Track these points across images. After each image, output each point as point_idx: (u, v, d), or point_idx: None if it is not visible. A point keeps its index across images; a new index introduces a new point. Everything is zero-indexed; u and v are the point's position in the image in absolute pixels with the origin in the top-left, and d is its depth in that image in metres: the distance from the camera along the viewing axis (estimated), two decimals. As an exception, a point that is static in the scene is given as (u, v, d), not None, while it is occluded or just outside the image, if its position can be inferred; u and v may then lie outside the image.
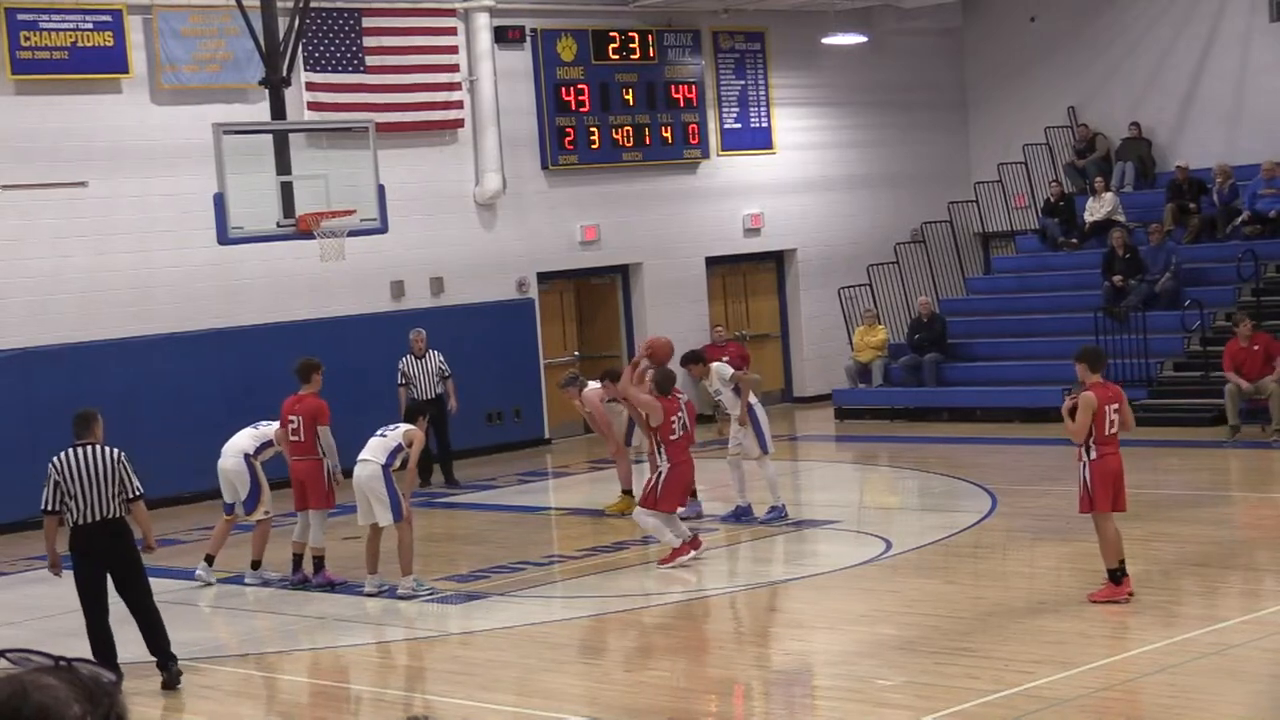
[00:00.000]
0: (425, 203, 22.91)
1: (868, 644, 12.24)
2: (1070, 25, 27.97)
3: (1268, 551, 14.88)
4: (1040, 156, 28.05)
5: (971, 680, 10.86)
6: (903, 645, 12.11)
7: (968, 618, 12.81)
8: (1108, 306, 23.81)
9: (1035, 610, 12.76)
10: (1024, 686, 10.59)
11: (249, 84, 19.80)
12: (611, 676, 12.11)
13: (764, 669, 12.34)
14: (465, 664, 12.57)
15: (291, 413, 15.15)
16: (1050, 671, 10.90)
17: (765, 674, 12.21)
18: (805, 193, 27.50)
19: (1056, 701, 10.27)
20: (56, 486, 11.91)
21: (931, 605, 13.38)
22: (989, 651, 11.59)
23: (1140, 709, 10.09)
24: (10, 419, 19.68)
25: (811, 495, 20.03)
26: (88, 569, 11.98)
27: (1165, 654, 11.26)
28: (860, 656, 11.87)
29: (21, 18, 20.03)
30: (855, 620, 13.11)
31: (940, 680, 11.01)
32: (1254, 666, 11.10)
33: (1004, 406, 23.26)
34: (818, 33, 26.98)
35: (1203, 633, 11.83)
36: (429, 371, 20.88)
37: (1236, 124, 26.29)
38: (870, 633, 12.62)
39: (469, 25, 23.83)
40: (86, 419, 12.23)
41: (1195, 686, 10.54)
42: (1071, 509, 13.37)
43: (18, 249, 20.08)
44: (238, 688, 12.52)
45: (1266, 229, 24.29)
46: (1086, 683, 10.66)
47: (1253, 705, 10.28)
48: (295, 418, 15.08)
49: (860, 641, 12.36)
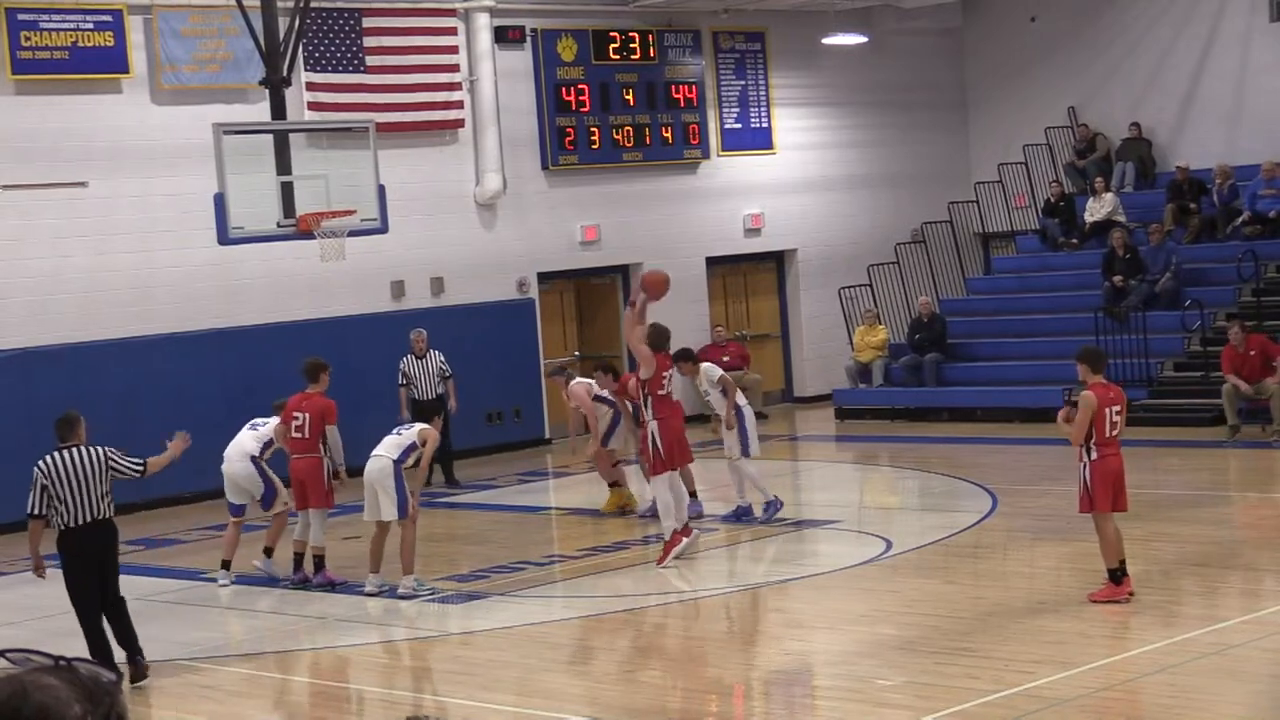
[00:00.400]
0: (425, 203, 22.92)
1: (868, 644, 12.25)
2: (1070, 25, 27.97)
3: (1268, 551, 14.88)
4: (1040, 157, 28.06)
5: (972, 680, 10.87)
6: (903, 645, 12.11)
7: (968, 618, 12.82)
8: (1108, 306, 23.82)
9: (1035, 610, 12.77)
10: (1024, 686, 10.60)
11: (249, 84, 19.81)
12: (611, 676, 12.11)
13: (764, 669, 12.35)
14: (466, 664, 12.58)
15: (298, 410, 15.18)
16: (1050, 671, 10.91)
17: (765, 674, 12.21)
18: (805, 193, 27.51)
19: (1056, 701, 10.28)
20: (44, 490, 11.94)
21: (931, 605, 13.38)
22: (989, 651, 11.60)
23: (1140, 709, 10.10)
24: (10, 419, 19.67)
25: (812, 495, 20.05)
26: (79, 570, 11.99)
27: (1165, 654, 11.27)
28: (860, 656, 11.88)
29: (22, 18, 20.04)
30: (855, 620, 13.12)
31: (940, 680, 11.02)
32: (1254, 666, 11.11)
33: (1004, 406, 23.26)
34: (818, 33, 27.00)
35: (1203, 633, 11.83)
36: (430, 371, 20.90)
37: (1237, 124, 26.29)
38: (870, 633, 12.63)
39: (469, 25, 23.84)
40: (70, 422, 12.28)
41: (1195, 686, 10.54)
42: (1072, 509, 13.38)
43: (18, 249, 20.09)
44: (239, 688, 12.52)
45: (1267, 229, 24.30)
46: (1086, 683, 10.67)
47: (1253, 705, 10.28)
48: (301, 415, 15.12)
49: (860, 641, 12.36)
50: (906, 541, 15.91)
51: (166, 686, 12.25)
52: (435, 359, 20.99)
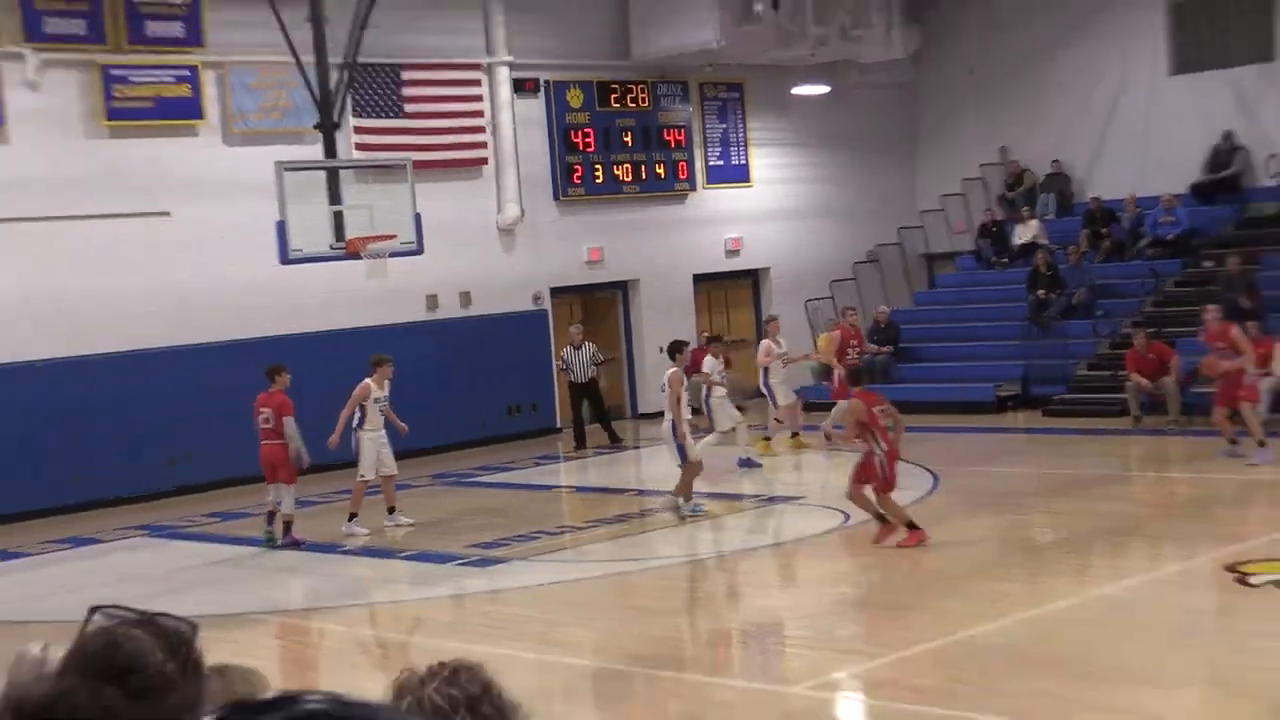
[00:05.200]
0: (455, 229, 22.90)
1: (829, 601, 12.28)
2: (1002, 78, 27.99)
3: (1164, 522, 14.91)
4: (976, 189, 28.07)
5: (916, 631, 10.90)
6: (858, 602, 12.15)
7: (912, 579, 12.85)
8: (1033, 316, 23.85)
9: (969, 572, 12.80)
10: (959, 635, 10.63)
11: (306, 128, 19.82)
12: (617, 629, 12.12)
13: (743, 621, 12.38)
14: (494, 619, 12.56)
15: (264, 406, 15.85)
16: (981, 623, 10.94)
17: (743, 625, 12.25)
18: (778, 220, 27.51)
19: (987, 649, 10.31)
20: None
21: (882, 568, 13.41)
22: (930, 607, 11.63)
23: (1058, 654, 10.12)
24: (107, 409, 19.74)
25: (782, 476, 20.04)
26: None
27: (1079, 608, 11.32)
28: (822, 611, 11.91)
29: (114, 73, 20.08)
30: (818, 581, 13.15)
31: (889, 631, 11.06)
32: (1153, 618, 11.14)
33: (945, 400, 23.26)
34: (788, 84, 27.00)
35: (1111, 589, 11.88)
36: (584, 360, 22.11)
37: (1141, 162, 26.27)
38: (831, 591, 12.66)
39: (492, 78, 23.85)
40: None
41: (1104, 635, 10.57)
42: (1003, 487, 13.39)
43: (112, 267, 20.11)
44: (296, 637, 12.52)
45: (1166, 251, 24.31)
46: (1012, 632, 10.70)
47: (1152, 649, 10.32)
48: (266, 410, 15.82)
49: (822, 599, 12.39)
50: (861, 515, 15.91)
51: (236, 637, 12.28)
52: (589, 349, 22.15)
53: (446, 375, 22.48)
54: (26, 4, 19.37)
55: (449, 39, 23.34)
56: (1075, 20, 26.89)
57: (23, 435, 19.19)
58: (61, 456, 19.37)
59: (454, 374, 22.60)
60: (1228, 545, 13.00)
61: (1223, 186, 25.14)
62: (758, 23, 24.31)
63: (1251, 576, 11.91)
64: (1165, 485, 17.56)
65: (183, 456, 20.39)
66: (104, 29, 19.94)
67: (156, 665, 2.01)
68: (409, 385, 20.95)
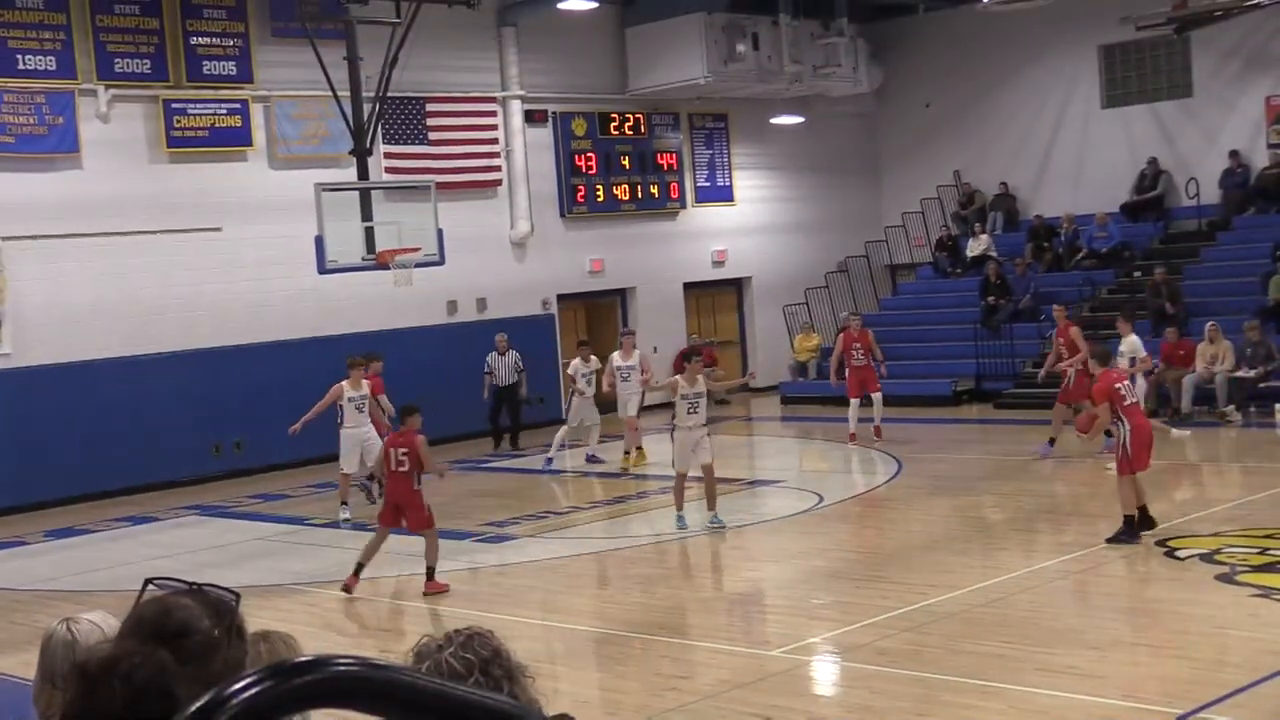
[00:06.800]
0: (473, 242, 22.87)
1: (804, 573, 12.25)
2: (956, 110, 27.99)
3: (1100, 502, 14.83)
4: (933, 208, 28.07)
5: (883, 600, 10.88)
6: (831, 574, 12.11)
7: (880, 553, 12.82)
8: (984, 320, 23.83)
9: (930, 547, 12.78)
10: (921, 603, 10.62)
11: (341, 154, 19.82)
12: (614, 598, 12.10)
13: (727, 591, 12.34)
14: (502, 588, 12.55)
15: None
16: (941, 593, 10.92)
17: (728, 595, 12.21)
18: (758, 234, 27.49)
19: (946, 615, 10.28)
20: None
21: (853, 544, 13.39)
22: (896, 578, 11.61)
23: (1009, 620, 10.09)
24: (165, 404, 19.71)
25: (764, 462, 20.04)
26: None
27: (1026, 578, 11.29)
28: (799, 582, 11.88)
29: (174, 106, 20.05)
30: (795, 555, 13.11)
31: (859, 600, 11.02)
32: (1091, 587, 11.13)
33: (908, 394, 23.24)
34: (768, 115, 26.98)
35: (1053, 562, 11.85)
36: (508, 365, 21.43)
37: (1078, 184, 26.34)
38: (806, 565, 12.62)
39: (506, 110, 23.82)
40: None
41: (1048, 602, 10.56)
42: (957, 472, 13.33)
43: (169, 278, 20.09)
44: (333, 606, 12.46)
45: (1100, 262, 24.35)
46: (968, 600, 10.68)
47: (1090, 615, 10.30)
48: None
49: (799, 571, 12.36)
50: (834, 496, 15.91)
51: (276, 604, 12.23)
52: (512, 356, 21.40)
53: (464, 372, 22.41)
54: (99, 46, 19.40)
55: (468, 76, 23.32)
56: (1019, 61, 26.95)
57: (89, 425, 19.14)
58: (124, 442, 19.32)
59: (471, 371, 22.53)
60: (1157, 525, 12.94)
61: (1148, 206, 25.25)
62: (741, 61, 24.36)
63: (1179, 551, 11.88)
64: (1099, 469, 17.50)
65: (230, 445, 20.35)
66: (166, 68, 19.97)
67: (204, 630, 2.03)
68: (431, 380, 20.97)
